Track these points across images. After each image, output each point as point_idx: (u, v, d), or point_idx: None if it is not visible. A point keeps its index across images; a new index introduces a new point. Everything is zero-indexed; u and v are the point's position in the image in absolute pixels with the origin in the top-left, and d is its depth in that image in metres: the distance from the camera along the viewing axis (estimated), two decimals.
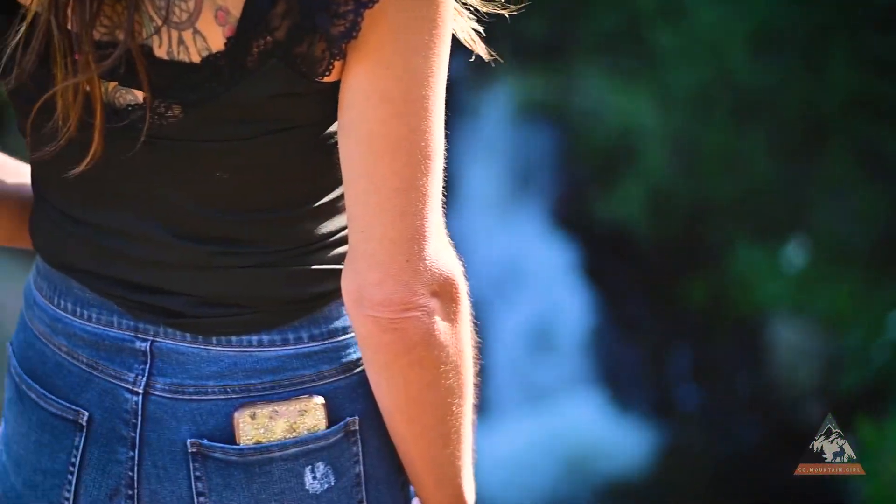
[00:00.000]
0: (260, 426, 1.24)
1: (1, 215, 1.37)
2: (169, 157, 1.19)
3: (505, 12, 1.27)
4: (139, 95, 1.18)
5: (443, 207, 1.21)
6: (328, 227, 1.25)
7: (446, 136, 1.20)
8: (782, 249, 5.41)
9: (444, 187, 1.21)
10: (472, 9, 1.24)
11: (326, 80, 1.15)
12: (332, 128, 1.21)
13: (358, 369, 1.27)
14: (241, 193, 1.21)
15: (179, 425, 1.24)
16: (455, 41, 1.22)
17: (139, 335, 1.26)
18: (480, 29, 1.26)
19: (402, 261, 1.16)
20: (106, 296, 1.27)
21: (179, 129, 1.17)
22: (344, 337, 1.27)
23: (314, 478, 1.26)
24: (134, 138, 1.18)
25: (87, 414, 1.27)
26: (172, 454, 1.25)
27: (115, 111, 1.19)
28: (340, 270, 1.25)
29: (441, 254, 1.18)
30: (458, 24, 1.22)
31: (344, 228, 1.25)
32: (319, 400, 1.25)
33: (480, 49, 1.26)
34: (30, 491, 1.31)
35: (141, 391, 1.25)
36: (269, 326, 1.24)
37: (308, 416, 1.25)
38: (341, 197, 1.24)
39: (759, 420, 5.43)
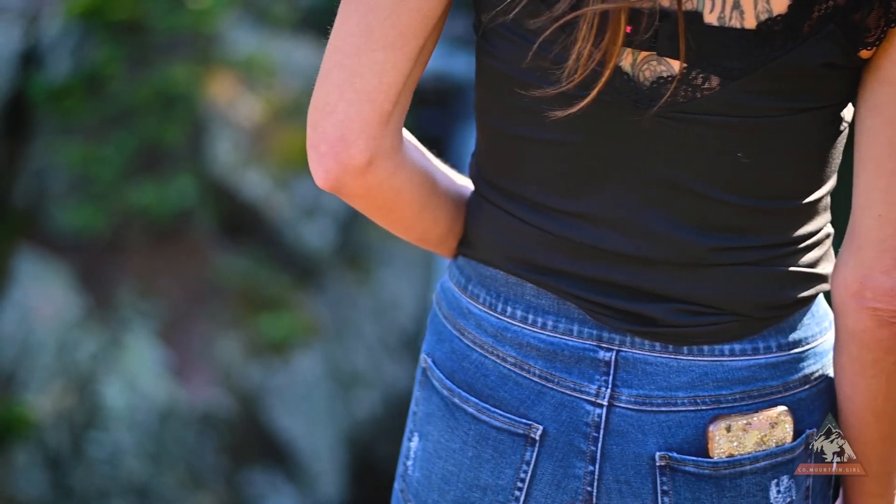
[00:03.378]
0: (734, 439, 1.19)
1: (443, 214, 1.29)
2: (686, 133, 1.13)
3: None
4: (674, 66, 1.11)
5: None
6: (809, 226, 1.21)
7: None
8: None
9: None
10: None
11: (865, 54, 1.11)
12: (844, 113, 1.17)
13: (815, 380, 1.24)
14: (755, 178, 1.15)
15: (646, 438, 1.20)
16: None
17: (602, 344, 1.20)
18: None
19: None
20: (569, 298, 1.20)
21: (710, 103, 1.12)
22: (806, 347, 1.23)
23: (778, 491, 1.22)
24: (647, 113, 1.12)
25: (540, 428, 1.21)
26: (637, 468, 1.20)
27: (635, 84, 1.13)
28: (811, 275, 1.22)
29: None
30: None
31: (819, 231, 1.22)
32: (787, 411, 1.21)
33: None
34: None
35: (605, 403, 1.20)
36: (740, 335, 1.20)
37: (778, 428, 1.21)
38: (825, 196, 1.21)
39: None
